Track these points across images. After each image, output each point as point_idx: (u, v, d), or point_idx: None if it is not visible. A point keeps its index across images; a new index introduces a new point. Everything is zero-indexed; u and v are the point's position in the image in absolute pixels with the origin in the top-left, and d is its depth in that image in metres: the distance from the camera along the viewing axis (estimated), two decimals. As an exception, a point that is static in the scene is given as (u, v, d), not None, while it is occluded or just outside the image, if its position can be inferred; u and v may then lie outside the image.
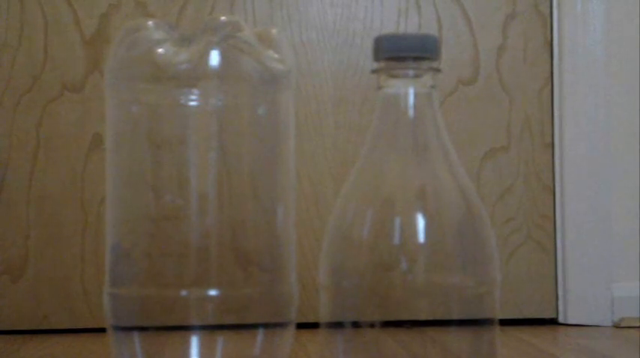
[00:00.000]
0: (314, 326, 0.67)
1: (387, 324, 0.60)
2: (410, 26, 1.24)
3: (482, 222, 0.62)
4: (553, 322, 1.24)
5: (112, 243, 0.72)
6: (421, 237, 0.60)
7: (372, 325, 0.61)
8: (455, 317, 0.61)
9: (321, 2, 1.24)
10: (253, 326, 0.71)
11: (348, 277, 0.61)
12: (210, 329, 0.69)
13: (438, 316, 0.61)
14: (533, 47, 1.25)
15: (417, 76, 0.63)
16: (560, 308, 1.24)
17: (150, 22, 0.72)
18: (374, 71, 0.64)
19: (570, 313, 1.23)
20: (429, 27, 1.24)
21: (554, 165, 1.25)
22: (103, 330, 0.74)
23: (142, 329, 0.71)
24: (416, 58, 0.63)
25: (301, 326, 0.77)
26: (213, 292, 0.69)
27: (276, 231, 0.72)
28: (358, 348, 0.61)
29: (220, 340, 0.70)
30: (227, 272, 0.70)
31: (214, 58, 0.69)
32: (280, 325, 0.72)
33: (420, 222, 0.60)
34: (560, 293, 1.24)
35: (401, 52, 0.63)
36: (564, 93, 1.24)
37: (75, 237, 1.20)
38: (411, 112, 0.63)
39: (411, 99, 0.63)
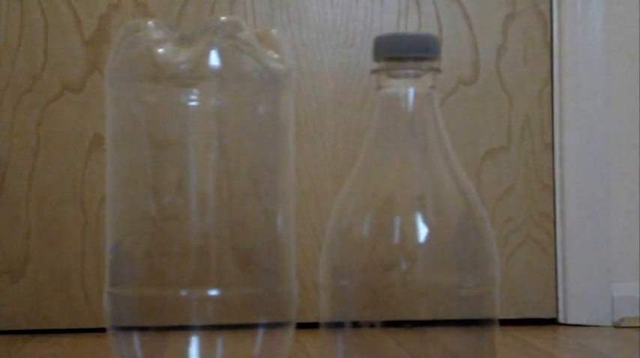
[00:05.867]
0: (314, 326, 0.67)
1: (387, 324, 0.60)
2: (410, 26, 1.24)
3: (482, 222, 0.62)
4: (553, 322, 1.24)
5: (112, 243, 0.72)
6: (421, 236, 0.60)
7: (372, 325, 0.61)
8: (455, 317, 0.61)
9: (321, 2, 1.24)
10: (253, 326, 0.71)
11: (348, 277, 0.61)
12: (210, 329, 0.69)
13: (438, 316, 0.61)
14: (533, 47, 1.25)
15: (417, 76, 0.63)
16: (560, 308, 1.24)
17: (150, 22, 0.72)
18: (374, 71, 0.64)
19: (570, 313, 1.23)
20: (429, 27, 1.24)
21: (554, 165, 1.25)
22: (103, 330, 0.74)
23: (142, 329, 0.71)
24: (416, 58, 0.63)
25: (301, 326, 0.77)
26: (213, 292, 0.69)
27: (276, 230, 0.72)
28: (358, 348, 0.61)
29: (220, 340, 0.70)
30: (227, 272, 0.70)
31: (214, 58, 0.69)
32: (280, 325, 0.72)
33: (420, 222, 0.60)
34: (560, 293, 1.24)
35: (401, 52, 0.63)
36: (564, 93, 1.24)
37: (75, 236, 1.20)
38: (411, 112, 0.63)
39: (411, 99, 0.63)
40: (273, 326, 0.71)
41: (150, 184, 0.70)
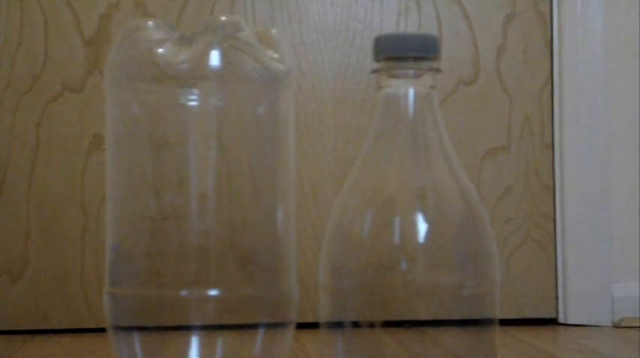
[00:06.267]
0: (314, 326, 0.67)
1: (387, 324, 0.60)
2: (410, 26, 1.24)
3: (483, 222, 0.62)
4: (553, 322, 1.24)
5: (112, 243, 0.72)
6: (421, 237, 0.60)
7: (372, 325, 0.61)
8: (455, 317, 0.61)
9: (321, 2, 1.24)
10: (253, 326, 0.71)
11: (348, 277, 0.61)
12: (210, 329, 0.69)
13: (438, 316, 0.61)
14: (533, 47, 1.25)
15: (417, 76, 0.63)
16: (560, 308, 1.24)
17: (150, 22, 0.72)
18: (374, 71, 0.64)
19: (570, 313, 1.23)
20: (429, 27, 1.24)
21: (554, 165, 1.25)
22: (103, 330, 0.74)
23: (142, 329, 0.70)
24: (416, 58, 0.63)
25: (301, 326, 0.77)
26: (213, 292, 0.69)
27: (276, 230, 0.72)
28: (358, 348, 0.61)
29: (220, 340, 0.70)
30: (227, 272, 0.70)
31: (214, 58, 0.69)
32: (280, 325, 0.72)
33: (420, 222, 0.60)
34: (560, 293, 1.24)
35: (401, 52, 0.63)
36: (564, 93, 1.24)
37: (75, 237, 1.20)
38: (411, 112, 0.63)
39: (411, 99, 0.63)
40: (273, 326, 0.71)
41: (150, 184, 0.70)
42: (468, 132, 1.24)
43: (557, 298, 1.24)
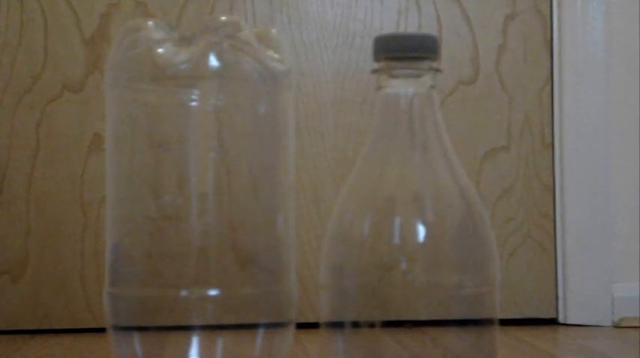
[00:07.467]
0: (314, 326, 0.67)
1: (387, 324, 0.60)
2: (410, 26, 1.24)
3: (483, 222, 0.62)
4: (553, 322, 1.24)
5: (112, 243, 0.72)
6: (421, 237, 0.60)
7: (372, 325, 0.61)
8: (455, 317, 0.61)
9: (321, 2, 1.24)
10: (253, 326, 0.71)
11: (349, 277, 0.61)
12: (210, 329, 0.69)
13: (438, 316, 0.61)
14: (533, 47, 1.25)
15: (417, 76, 0.63)
16: (560, 308, 1.24)
17: (150, 22, 0.72)
18: (374, 71, 0.64)
19: (570, 313, 1.23)
20: (429, 27, 1.24)
21: (554, 165, 1.25)
22: (103, 330, 0.74)
23: (142, 329, 0.71)
24: (416, 58, 0.63)
25: (301, 326, 0.77)
26: (213, 292, 0.69)
27: (276, 230, 0.72)
28: (358, 348, 0.61)
29: (220, 340, 0.70)
30: (227, 272, 0.70)
31: (214, 58, 0.69)
32: (280, 325, 0.72)
33: (420, 222, 0.60)
34: (560, 293, 1.24)
35: (401, 52, 0.63)
36: (564, 93, 1.24)
37: (75, 237, 1.20)
38: (411, 112, 0.63)
39: (411, 99, 0.63)
40: (273, 326, 0.71)
41: (150, 184, 0.70)
42: (468, 132, 1.24)
43: (557, 298, 1.24)
